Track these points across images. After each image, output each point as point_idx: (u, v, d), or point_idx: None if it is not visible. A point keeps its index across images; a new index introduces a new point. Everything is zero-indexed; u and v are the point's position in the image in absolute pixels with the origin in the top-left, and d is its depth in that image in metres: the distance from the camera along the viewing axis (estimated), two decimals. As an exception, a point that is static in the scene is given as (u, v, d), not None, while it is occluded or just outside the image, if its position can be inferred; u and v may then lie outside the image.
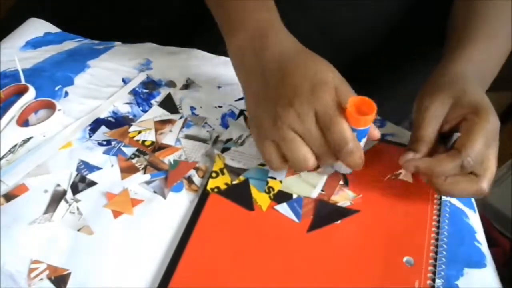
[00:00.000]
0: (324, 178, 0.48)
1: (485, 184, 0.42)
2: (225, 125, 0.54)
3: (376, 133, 0.44)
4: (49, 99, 0.53)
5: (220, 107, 0.56)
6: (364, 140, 0.43)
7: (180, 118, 0.54)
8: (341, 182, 0.48)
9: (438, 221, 0.45)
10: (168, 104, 0.55)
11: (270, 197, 0.46)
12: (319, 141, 0.41)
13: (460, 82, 0.46)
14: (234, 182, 0.47)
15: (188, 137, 0.52)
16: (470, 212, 0.48)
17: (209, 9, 0.55)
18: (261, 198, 0.46)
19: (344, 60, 0.50)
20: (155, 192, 0.46)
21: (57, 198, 0.45)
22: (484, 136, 0.42)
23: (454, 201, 0.49)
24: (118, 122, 0.53)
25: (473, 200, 0.50)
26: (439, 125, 0.45)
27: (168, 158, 0.49)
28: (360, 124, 0.40)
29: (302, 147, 0.41)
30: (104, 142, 0.50)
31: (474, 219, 0.48)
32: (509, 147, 1.14)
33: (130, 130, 0.52)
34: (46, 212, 0.43)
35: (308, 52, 0.44)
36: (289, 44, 0.46)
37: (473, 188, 0.42)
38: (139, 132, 0.51)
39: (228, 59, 0.61)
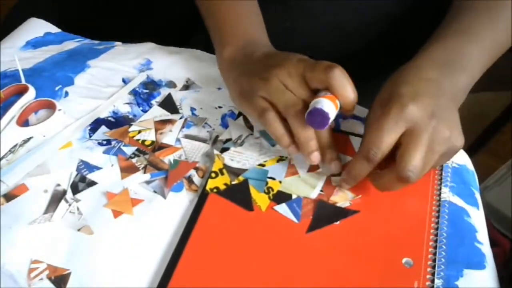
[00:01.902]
0: (324, 178, 0.48)
1: (403, 170, 0.41)
2: (225, 126, 0.54)
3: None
4: (49, 99, 0.53)
5: (220, 107, 0.56)
6: None
7: (180, 118, 0.54)
8: (335, 183, 0.48)
9: (437, 222, 0.45)
10: (168, 104, 0.55)
11: (269, 197, 0.46)
12: (306, 91, 0.45)
13: (393, 80, 0.45)
14: (233, 183, 0.47)
15: (188, 137, 0.52)
16: (473, 210, 0.48)
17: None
18: (260, 199, 0.46)
19: (346, 59, 0.50)
20: (155, 191, 0.46)
21: (57, 198, 0.45)
22: (383, 121, 0.42)
23: (455, 200, 0.48)
24: (118, 122, 0.53)
25: (477, 197, 0.50)
26: (387, 143, 0.43)
27: (168, 158, 0.49)
28: None
29: (291, 94, 0.46)
30: (104, 142, 0.50)
31: (477, 218, 0.48)
32: (509, 147, 1.15)
33: (130, 130, 0.52)
34: (46, 212, 0.44)
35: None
36: (273, 49, 0.52)
37: (395, 179, 0.42)
38: (139, 131, 0.52)
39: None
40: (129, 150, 0.50)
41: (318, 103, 0.43)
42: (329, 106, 0.43)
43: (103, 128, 0.52)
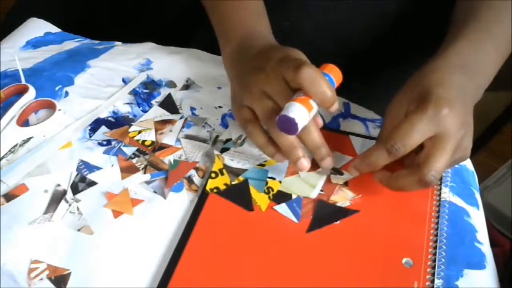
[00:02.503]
0: (324, 178, 0.48)
1: (426, 173, 0.40)
2: (225, 126, 0.54)
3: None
4: (49, 99, 0.53)
5: (220, 107, 0.56)
6: None
7: (180, 118, 0.54)
8: (341, 182, 0.48)
9: (437, 222, 0.45)
10: (168, 104, 0.55)
11: (269, 197, 0.46)
12: (286, 94, 0.43)
13: (426, 79, 0.44)
14: (233, 183, 0.47)
15: (188, 137, 0.52)
16: (473, 210, 0.48)
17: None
18: (260, 199, 0.46)
19: (346, 58, 0.50)
20: (155, 192, 0.46)
21: (57, 198, 0.45)
22: (416, 121, 0.41)
23: (456, 200, 0.49)
24: (118, 122, 0.53)
25: (477, 197, 0.50)
26: (415, 141, 0.42)
27: (168, 158, 0.49)
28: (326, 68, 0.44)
29: (270, 102, 0.44)
30: (104, 142, 0.50)
31: (477, 218, 0.48)
32: (509, 147, 1.15)
33: (130, 130, 0.52)
34: (46, 212, 0.44)
35: (285, 46, 0.48)
36: (270, 42, 0.50)
37: (413, 181, 0.42)
38: (139, 132, 0.52)
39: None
40: (129, 150, 0.50)
41: (286, 108, 0.41)
42: (297, 110, 0.41)
43: (103, 128, 0.52)
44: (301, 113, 0.41)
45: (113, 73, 0.59)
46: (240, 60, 0.50)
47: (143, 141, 0.51)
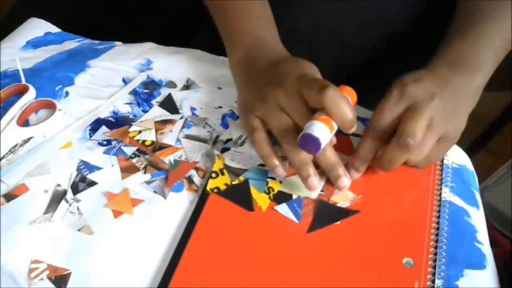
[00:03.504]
0: (324, 178, 0.48)
1: (404, 140, 0.42)
2: (225, 126, 0.54)
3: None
4: (50, 99, 0.53)
5: (220, 107, 0.56)
6: None
7: (181, 118, 0.54)
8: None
9: (438, 222, 0.45)
10: (169, 104, 0.55)
11: (270, 197, 0.46)
12: (304, 112, 0.44)
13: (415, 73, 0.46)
14: (233, 183, 0.47)
15: (188, 137, 0.52)
16: (473, 210, 0.48)
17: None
18: (260, 199, 0.46)
19: (346, 59, 0.50)
20: (155, 192, 0.46)
21: (57, 198, 0.45)
22: (388, 100, 0.44)
23: (456, 200, 0.49)
24: (118, 122, 0.53)
25: (478, 197, 0.50)
26: (389, 118, 0.45)
27: (168, 158, 0.49)
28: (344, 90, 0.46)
29: (286, 117, 0.45)
30: (105, 142, 0.50)
31: (477, 218, 0.48)
32: (509, 147, 1.15)
33: (130, 130, 0.52)
34: (46, 212, 0.43)
35: (298, 58, 0.48)
36: (282, 53, 0.51)
37: (395, 148, 0.43)
38: (140, 132, 0.52)
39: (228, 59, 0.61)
40: (129, 150, 0.50)
41: (310, 127, 0.42)
42: (321, 130, 0.41)
43: (103, 128, 0.52)
44: (324, 133, 0.42)
45: (113, 73, 0.58)
46: (250, 67, 0.50)
47: (143, 141, 0.51)
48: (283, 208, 0.45)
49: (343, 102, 0.42)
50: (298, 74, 0.45)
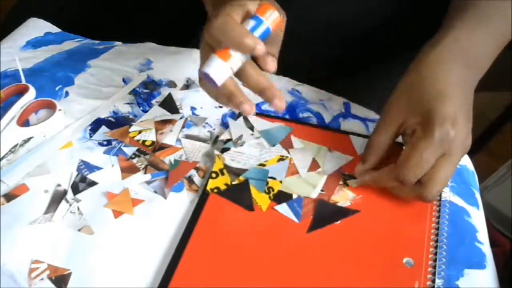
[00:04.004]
0: (324, 178, 0.48)
1: (427, 193, 0.42)
2: (225, 126, 0.54)
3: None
4: (50, 99, 0.53)
5: (220, 107, 0.56)
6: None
7: (181, 118, 0.54)
8: (341, 182, 0.48)
9: (438, 222, 0.45)
10: (169, 104, 0.55)
11: (270, 197, 0.46)
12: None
13: (427, 83, 0.44)
14: (234, 183, 0.47)
15: (188, 137, 0.52)
16: (473, 210, 0.48)
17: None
18: (261, 199, 0.46)
19: (346, 58, 0.50)
20: (155, 192, 0.46)
21: (57, 198, 0.45)
22: (425, 150, 0.41)
23: (456, 199, 0.49)
24: (118, 122, 0.53)
25: (478, 197, 0.50)
26: (393, 132, 0.45)
27: (168, 158, 0.49)
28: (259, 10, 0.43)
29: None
30: (105, 142, 0.50)
31: (477, 218, 0.48)
32: (509, 147, 1.15)
33: (130, 130, 0.52)
34: (46, 212, 0.43)
35: None
36: None
37: (415, 195, 0.43)
38: (140, 132, 0.51)
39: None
40: (129, 150, 0.50)
41: (205, 63, 0.42)
42: (213, 63, 0.41)
43: (103, 128, 0.52)
44: (217, 65, 0.41)
45: (113, 73, 0.59)
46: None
47: (144, 141, 0.51)
48: (283, 208, 0.45)
49: (228, 27, 0.41)
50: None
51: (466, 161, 0.53)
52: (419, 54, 0.47)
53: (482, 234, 0.47)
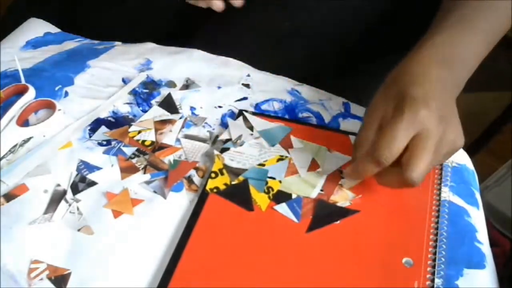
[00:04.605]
0: (324, 178, 0.48)
1: (409, 174, 0.41)
2: (225, 125, 0.54)
3: None
4: (49, 99, 0.53)
5: (220, 107, 0.56)
6: None
7: (180, 118, 0.54)
8: (341, 182, 0.48)
9: (437, 222, 0.45)
10: (168, 104, 0.55)
11: (269, 197, 0.46)
12: None
13: (402, 76, 0.45)
14: (233, 183, 0.47)
15: (188, 137, 0.52)
16: (473, 210, 0.48)
17: (209, 8, 0.56)
18: (260, 198, 0.46)
19: (346, 56, 0.50)
20: (155, 192, 0.46)
21: (57, 198, 0.45)
22: (396, 128, 0.42)
23: (456, 199, 0.49)
24: (118, 122, 0.53)
25: (477, 197, 0.50)
26: (376, 126, 0.44)
27: (168, 158, 0.49)
28: None
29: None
30: (104, 142, 0.50)
31: (477, 217, 0.48)
32: (509, 147, 1.15)
33: (130, 130, 0.52)
34: (46, 212, 0.43)
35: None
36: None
37: (399, 181, 0.43)
38: (139, 132, 0.52)
39: (228, 59, 0.61)
40: (129, 150, 0.50)
41: None
42: None
43: (103, 128, 0.52)
44: None
45: (113, 73, 0.59)
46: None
47: (143, 141, 0.51)
48: (282, 208, 0.45)
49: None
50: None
51: (466, 161, 0.53)
52: (404, 56, 0.47)
53: (482, 234, 0.47)
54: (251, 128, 0.53)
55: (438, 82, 0.44)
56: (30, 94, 0.53)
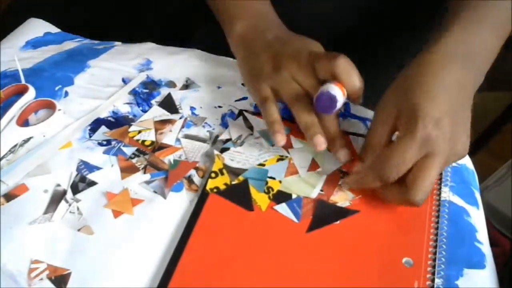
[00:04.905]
0: (324, 178, 0.48)
1: (413, 196, 0.41)
2: (225, 125, 0.54)
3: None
4: (49, 99, 0.53)
5: (220, 107, 0.56)
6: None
7: (180, 118, 0.54)
8: (340, 182, 0.48)
9: (437, 221, 0.45)
10: (168, 104, 0.55)
11: (269, 197, 0.46)
12: (314, 83, 0.47)
13: (422, 76, 0.44)
14: (233, 183, 0.47)
15: (188, 137, 0.52)
16: (473, 210, 0.48)
17: (208, 7, 0.56)
18: (260, 198, 0.46)
19: (342, 50, 0.50)
20: (155, 192, 0.46)
21: (57, 198, 0.45)
22: (407, 150, 0.41)
23: (456, 199, 0.49)
24: (118, 122, 0.53)
25: (477, 196, 0.50)
26: (388, 129, 0.45)
27: (168, 158, 0.49)
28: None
29: (298, 86, 0.48)
30: (104, 142, 0.50)
31: (477, 217, 0.48)
32: (509, 147, 1.15)
33: (130, 130, 0.52)
34: (46, 212, 0.43)
35: (306, 37, 0.52)
36: (286, 29, 0.54)
37: (402, 199, 0.43)
38: (139, 132, 0.51)
39: (228, 59, 0.61)
40: (129, 150, 0.50)
41: (326, 87, 0.45)
42: (336, 90, 0.45)
43: (103, 128, 0.52)
44: (339, 93, 0.45)
45: (113, 73, 0.58)
46: (257, 38, 0.52)
47: (143, 141, 0.51)
48: (282, 208, 0.45)
49: (354, 69, 0.46)
50: (310, 50, 0.48)
51: (466, 161, 0.53)
52: (418, 54, 0.46)
53: (482, 234, 0.47)
54: (251, 128, 0.53)
55: (453, 87, 0.43)
56: (30, 94, 0.53)
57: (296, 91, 0.48)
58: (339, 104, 0.46)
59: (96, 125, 0.52)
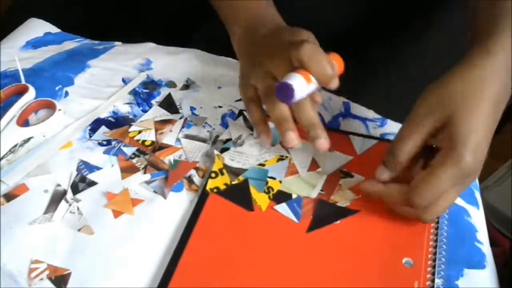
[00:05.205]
0: (324, 178, 0.48)
1: (427, 215, 0.41)
2: (225, 125, 0.54)
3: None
4: (49, 99, 0.53)
5: (220, 107, 0.56)
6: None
7: (180, 118, 0.54)
8: (341, 182, 0.48)
9: (437, 221, 0.45)
10: (168, 104, 0.55)
11: (269, 197, 0.46)
12: (287, 70, 0.45)
13: (461, 98, 0.41)
14: (233, 183, 0.47)
15: (188, 137, 0.52)
16: (473, 210, 0.48)
17: (208, 6, 0.56)
18: (260, 198, 0.46)
19: (340, 48, 0.49)
20: (155, 192, 0.46)
21: (57, 198, 0.45)
22: (445, 182, 0.40)
23: (456, 199, 0.48)
24: (118, 122, 0.53)
25: (477, 196, 0.50)
26: (421, 140, 0.42)
27: (168, 158, 0.49)
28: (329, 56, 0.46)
29: (272, 80, 0.46)
30: (104, 142, 0.50)
31: (477, 217, 0.48)
32: (509, 147, 1.15)
33: (130, 130, 0.52)
34: (46, 212, 0.43)
35: (296, 27, 0.50)
36: (280, 22, 0.53)
37: (413, 215, 0.43)
38: (139, 132, 0.52)
39: (228, 59, 0.61)
40: (129, 150, 0.50)
41: (285, 77, 0.44)
42: (295, 79, 0.43)
43: (103, 128, 0.52)
44: (299, 82, 0.43)
45: (113, 73, 0.59)
46: (250, 39, 0.52)
47: (143, 141, 0.51)
48: (282, 208, 0.45)
49: (320, 55, 0.44)
50: (289, 40, 0.46)
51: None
52: (464, 58, 0.43)
53: (482, 234, 0.47)
54: (251, 128, 0.53)
55: (491, 103, 0.42)
56: (30, 94, 0.53)
57: (270, 85, 0.46)
58: (301, 93, 0.43)
59: (96, 125, 0.52)
